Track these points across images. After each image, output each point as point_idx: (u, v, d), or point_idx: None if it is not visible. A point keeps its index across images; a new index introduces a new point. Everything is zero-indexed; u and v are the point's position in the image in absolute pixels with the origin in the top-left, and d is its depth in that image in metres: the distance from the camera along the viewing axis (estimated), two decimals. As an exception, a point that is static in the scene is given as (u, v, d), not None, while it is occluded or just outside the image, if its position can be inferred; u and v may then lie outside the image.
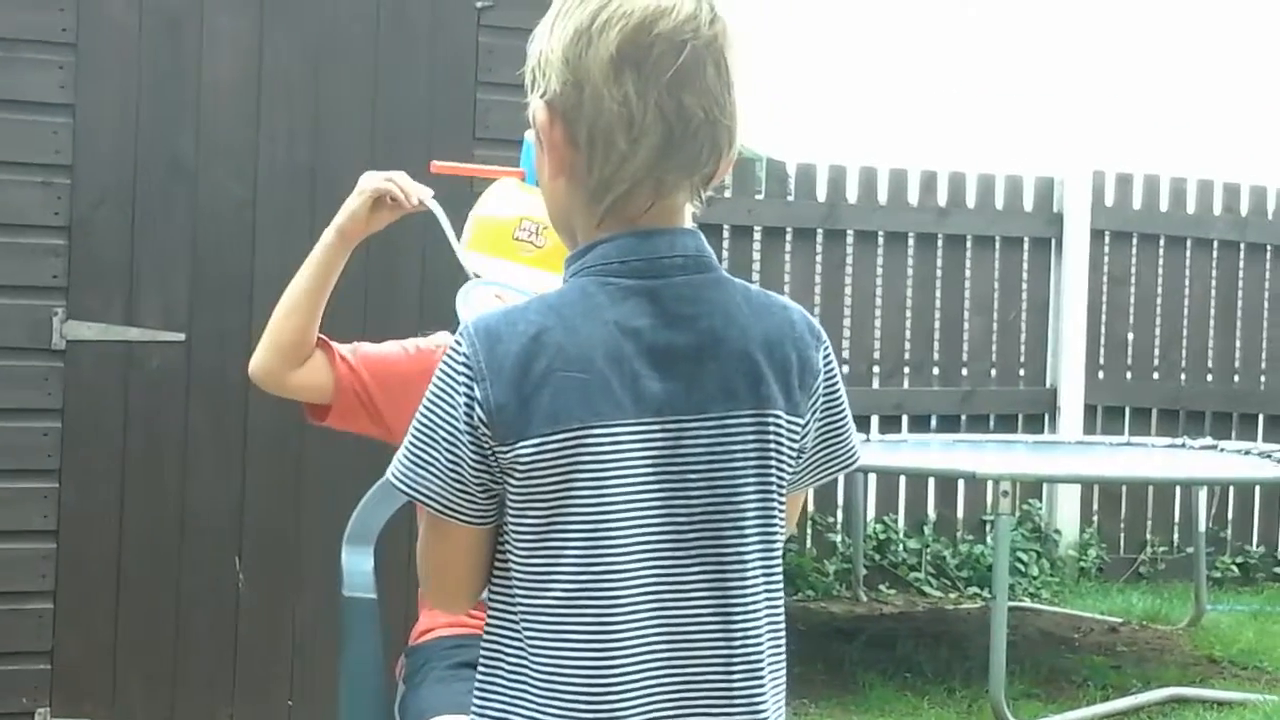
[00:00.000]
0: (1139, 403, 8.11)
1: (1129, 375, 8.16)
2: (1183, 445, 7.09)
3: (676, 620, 1.62)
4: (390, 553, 3.30)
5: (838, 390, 1.74)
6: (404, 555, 3.52)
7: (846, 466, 1.78)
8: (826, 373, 1.72)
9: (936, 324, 7.78)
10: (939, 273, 7.79)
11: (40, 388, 4.27)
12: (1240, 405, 8.29)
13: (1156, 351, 8.21)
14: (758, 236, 7.46)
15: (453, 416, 1.61)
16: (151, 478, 4.37)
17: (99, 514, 4.32)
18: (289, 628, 4.46)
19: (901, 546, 7.54)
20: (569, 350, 1.60)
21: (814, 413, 1.71)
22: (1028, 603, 7.27)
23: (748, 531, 1.64)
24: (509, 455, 1.60)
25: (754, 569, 1.65)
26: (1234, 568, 8.04)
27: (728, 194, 7.38)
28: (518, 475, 1.60)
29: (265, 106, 4.46)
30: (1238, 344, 8.35)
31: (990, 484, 6.46)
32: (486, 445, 1.61)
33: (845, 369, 7.60)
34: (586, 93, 1.61)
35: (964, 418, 7.72)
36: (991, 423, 7.77)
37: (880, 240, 7.72)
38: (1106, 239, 8.09)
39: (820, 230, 7.57)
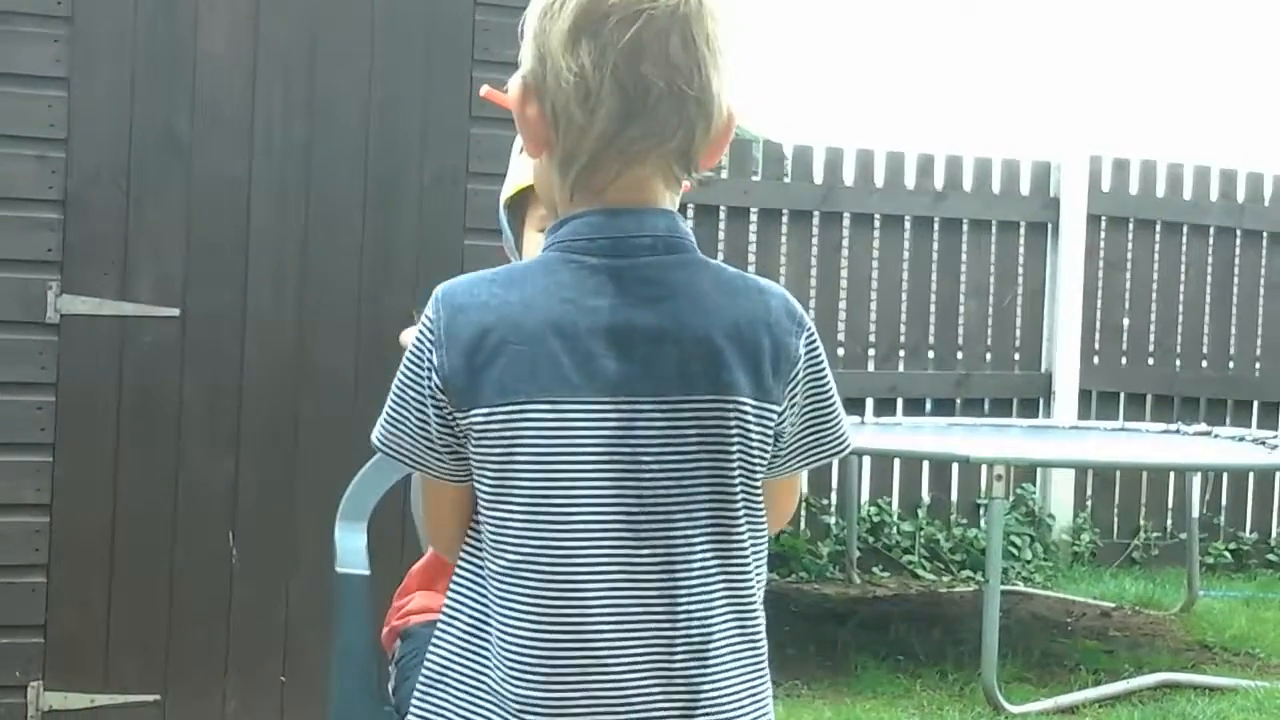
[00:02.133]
0: (1133, 388, 8.11)
1: (1124, 360, 8.16)
2: (1177, 431, 7.09)
3: (624, 599, 1.63)
4: (383, 529, 3.29)
5: (823, 376, 1.73)
6: (397, 532, 3.51)
7: (836, 452, 1.76)
8: (810, 358, 1.71)
9: (932, 307, 7.77)
10: (935, 256, 7.79)
11: (34, 361, 4.26)
12: (1235, 391, 8.30)
13: (1152, 337, 8.21)
14: (753, 218, 7.46)
15: (419, 380, 1.66)
16: (145, 452, 4.36)
17: (93, 488, 4.31)
18: (282, 603, 4.45)
19: (895, 529, 7.55)
20: (523, 325, 1.63)
21: (793, 400, 1.69)
22: (1021, 586, 7.28)
23: (698, 518, 1.65)
24: (464, 421, 1.64)
25: (704, 554, 1.65)
26: (1227, 554, 8.05)
27: (724, 175, 7.36)
28: (472, 441, 1.65)
29: (261, 81, 4.44)
30: (1233, 330, 8.35)
31: (984, 468, 6.43)
32: (445, 410, 1.65)
33: (840, 351, 7.60)
34: (548, 66, 1.64)
35: (959, 401, 7.72)
36: (986, 407, 7.78)
37: (876, 223, 7.71)
38: (1103, 224, 8.09)
39: (816, 213, 7.56)
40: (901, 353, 7.72)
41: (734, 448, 1.65)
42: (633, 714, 1.64)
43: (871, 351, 7.69)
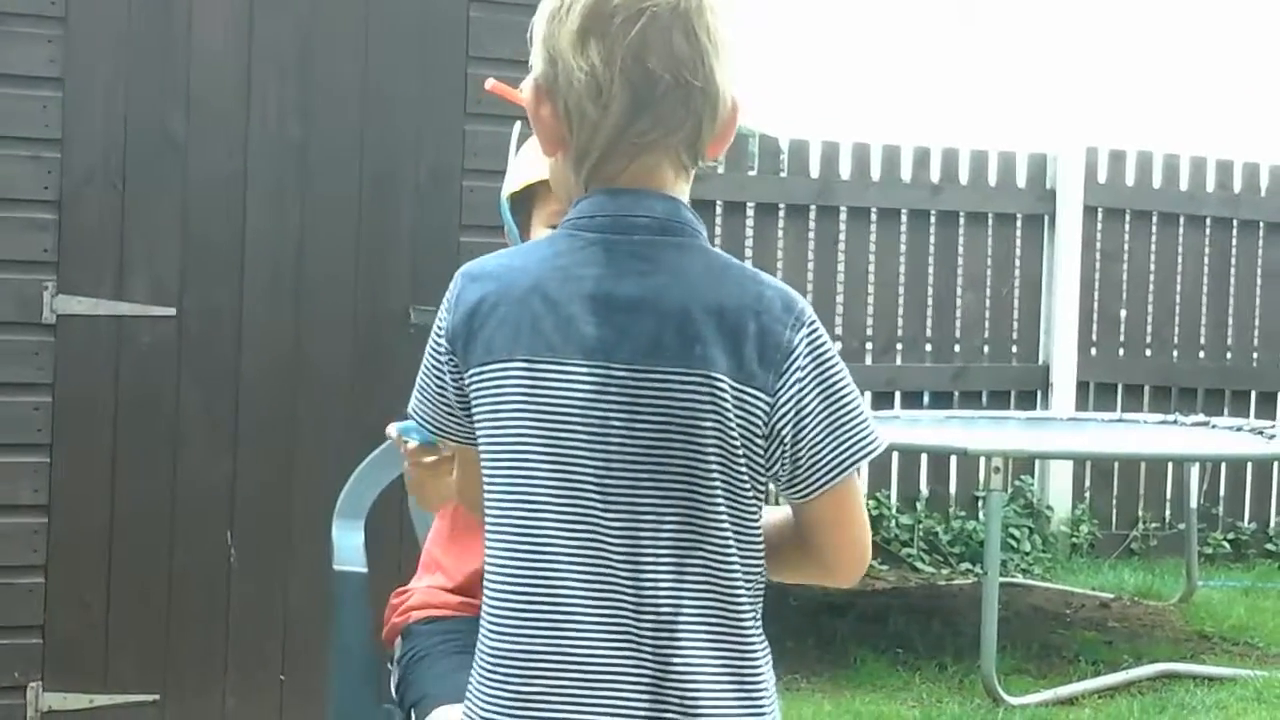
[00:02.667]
0: (1131, 379, 8.11)
1: (1121, 352, 8.16)
2: (1175, 422, 7.09)
3: (592, 562, 1.68)
4: (380, 527, 3.30)
5: (834, 376, 1.72)
6: (394, 530, 3.52)
7: (866, 452, 1.74)
8: (815, 356, 1.71)
9: (929, 300, 7.77)
10: (931, 249, 7.79)
11: (31, 362, 4.26)
12: (1232, 382, 8.30)
13: (1149, 328, 8.21)
14: (750, 213, 7.45)
15: (437, 347, 1.79)
16: (143, 453, 4.36)
17: (90, 488, 4.31)
18: (281, 602, 4.46)
19: (894, 522, 7.54)
20: (514, 290, 1.73)
21: (797, 398, 1.69)
22: (1019, 579, 7.28)
23: (669, 489, 1.68)
24: (465, 382, 1.76)
25: (674, 528, 1.68)
26: (1225, 544, 8.05)
27: (720, 170, 7.36)
28: (474, 400, 1.76)
29: (256, 80, 4.44)
30: (1230, 321, 8.35)
31: (982, 460, 6.45)
32: (455, 372, 1.77)
33: (838, 345, 7.56)
34: (560, 67, 1.71)
35: (956, 394, 7.72)
36: (984, 399, 7.78)
37: (873, 217, 7.71)
38: (1099, 216, 8.08)
39: (813, 207, 7.56)
40: (899, 346, 7.72)
41: (706, 424, 1.68)
42: (601, 676, 1.68)
43: (869, 345, 7.69)
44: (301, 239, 4.49)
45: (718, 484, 1.69)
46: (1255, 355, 8.38)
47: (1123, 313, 8.16)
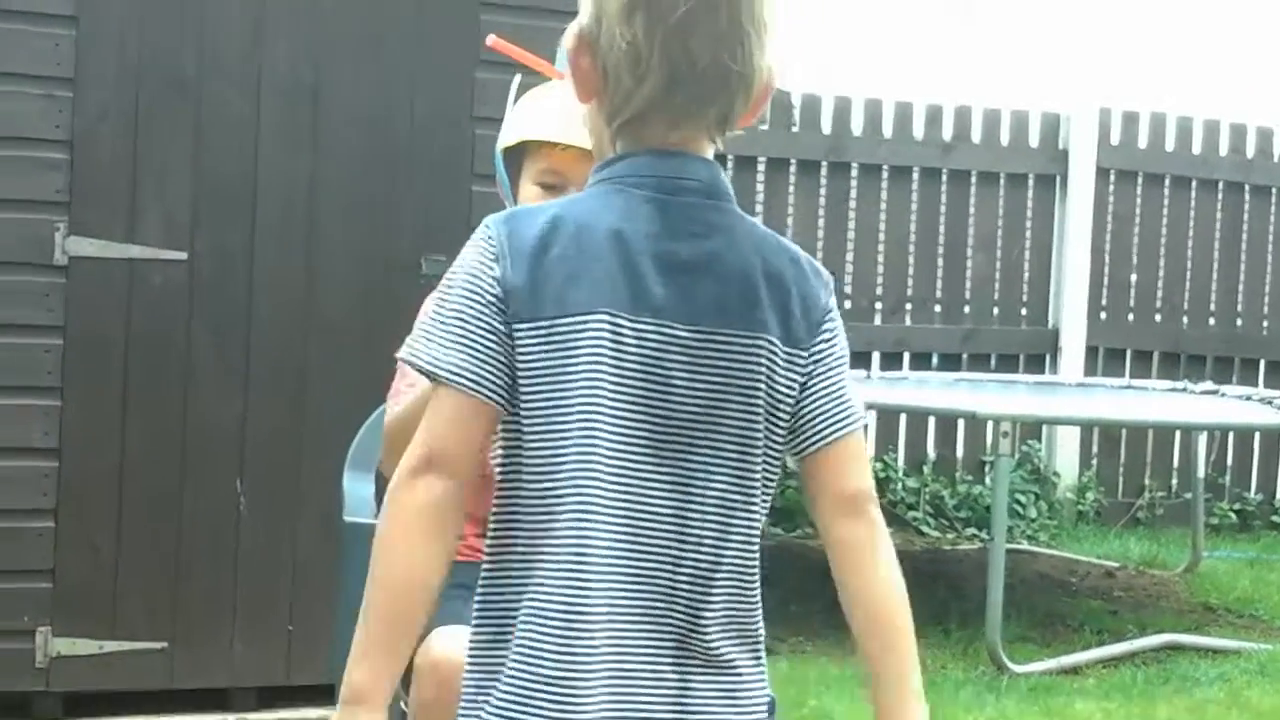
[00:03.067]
0: (1140, 345, 8.08)
1: (1131, 317, 8.12)
2: (1184, 389, 7.06)
3: (638, 514, 1.71)
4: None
5: (843, 339, 1.82)
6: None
7: (854, 423, 1.82)
8: (837, 320, 1.81)
9: (939, 260, 7.73)
10: (943, 208, 7.73)
11: (42, 304, 4.21)
12: (1242, 350, 8.26)
13: (1159, 294, 8.17)
14: (761, 168, 7.40)
15: (481, 296, 1.71)
16: (154, 397, 4.32)
17: (100, 432, 4.28)
18: (290, 551, 4.43)
19: (900, 485, 7.52)
20: (583, 242, 1.71)
21: (821, 356, 1.78)
22: (1025, 545, 7.27)
23: (722, 449, 1.73)
24: (522, 332, 1.70)
25: (721, 487, 1.73)
26: (1232, 514, 8.03)
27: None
28: (527, 354, 1.70)
29: (269, 22, 4.38)
30: (1241, 288, 8.31)
31: (990, 424, 6.43)
32: (507, 322, 1.70)
33: (847, 304, 7.56)
34: (604, 27, 1.74)
35: (965, 356, 7.68)
36: (993, 362, 7.74)
37: (885, 174, 7.65)
38: (1111, 178, 8.03)
39: (824, 163, 7.50)
40: (908, 306, 7.68)
41: (760, 386, 1.74)
42: (636, 622, 1.71)
43: (878, 304, 7.64)
44: (313, 184, 4.44)
45: (761, 444, 1.75)
46: (1265, 323, 8.35)
47: (1133, 277, 8.12)
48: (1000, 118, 7.81)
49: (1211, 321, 8.27)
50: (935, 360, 7.61)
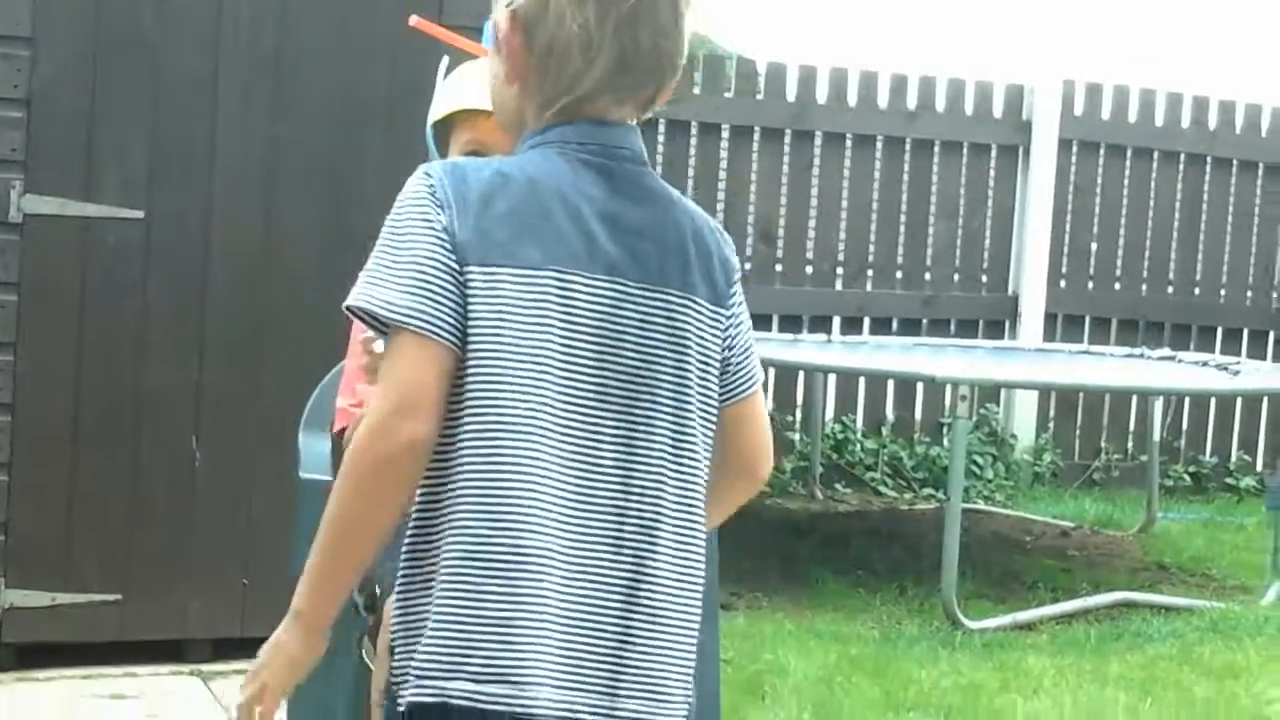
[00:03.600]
0: (1099, 312, 8.15)
1: (1090, 285, 8.19)
2: (1141, 355, 7.13)
3: (586, 463, 1.76)
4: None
5: (744, 304, 1.90)
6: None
7: (756, 383, 1.89)
8: (738, 283, 1.89)
9: (901, 228, 7.77)
10: (906, 176, 7.78)
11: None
12: (1199, 318, 8.34)
13: (1119, 262, 8.23)
14: (725, 135, 7.43)
15: (433, 238, 1.73)
16: (109, 354, 4.34)
17: (56, 388, 4.30)
18: (245, 506, 4.46)
19: (859, 446, 7.58)
20: (530, 197, 1.76)
21: (737, 311, 1.87)
22: (981, 505, 7.34)
23: (660, 402, 1.79)
24: (472, 277, 1.72)
25: (661, 439, 1.79)
26: (1186, 477, 8.12)
27: (696, 90, 7.32)
28: (474, 300, 1.72)
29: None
30: (1199, 257, 8.38)
31: (949, 388, 6.48)
32: (457, 267, 1.72)
33: (809, 270, 7.61)
34: (551, 9, 1.79)
35: (925, 322, 7.74)
36: (953, 327, 7.80)
37: (849, 142, 7.69)
38: (1074, 148, 8.08)
39: (788, 131, 7.54)
40: (870, 272, 7.73)
41: (691, 344, 1.81)
42: (583, 569, 1.74)
43: (840, 270, 7.69)
44: (273, 147, 4.46)
45: (694, 399, 1.81)
46: (1223, 291, 8.42)
47: (1093, 246, 8.18)
48: (965, 88, 7.86)
49: (1170, 290, 8.34)
50: (895, 325, 7.67)
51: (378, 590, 2.74)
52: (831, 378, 7.46)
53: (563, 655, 1.73)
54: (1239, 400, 8.15)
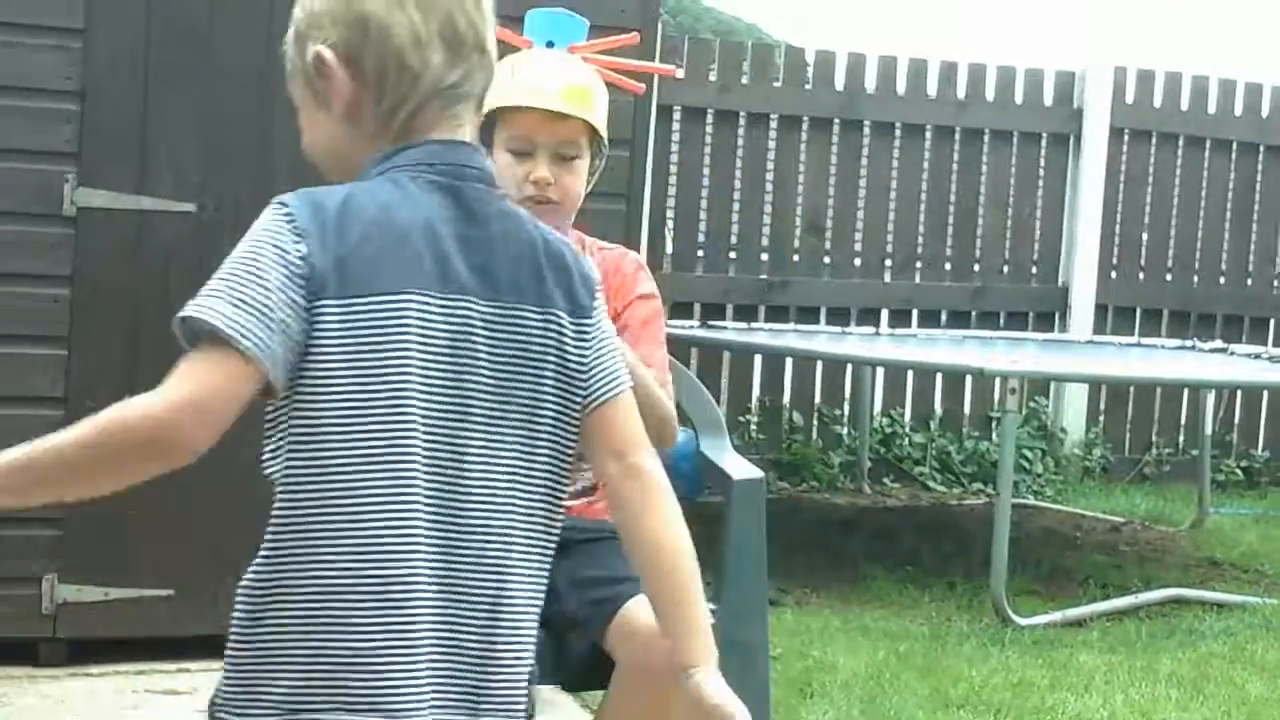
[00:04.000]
0: (1150, 304, 8.09)
1: (1141, 276, 8.13)
2: (1192, 347, 7.08)
3: (454, 485, 1.77)
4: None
5: (605, 311, 1.92)
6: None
7: (621, 385, 1.88)
8: (600, 292, 1.90)
9: (950, 218, 7.74)
10: (955, 166, 7.74)
11: (50, 255, 4.24)
12: (1252, 309, 8.27)
13: (1170, 253, 8.18)
14: (774, 125, 7.40)
15: (286, 268, 1.72)
16: (162, 348, 4.26)
17: (108, 382, 4.30)
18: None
19: (907, 441, 7.55)
20: (385, 224, 1.76)
21: (598, 323, 1.87)
22: (1031, 500, 7.30)
23: (511, 416, 1.81)
24: (327, 310, 1.72)
25: (511, 453, 1.80)
26: (1238, 471, 8.06)
27: (745, 81, 7.30)
28: (330, 333, 1.72)
29: (281, -24, 4.39)
30: (1252, 247, 8.32)
31: (998, 381, 6.45)
32: (309, 299, 1.71)
33: (857, 261, 7.58)
34: (372, 27, 1.80)
35: (974, 314, 7.71)
36: (1002, 320, 7.76)
37: (898, 131, 7.65)
38: (1125, 137, 8.02)
39: (837, 120, 7.50)
40: (918, 264, 7.69)
41: (550, 357, 1.83)
42: (452, 591, 1.76)
43: (888, 262, 7.66)
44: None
45: (548, 414, 1.83)
46: (1276, 282, 8.36)
47: (1144, 236, 8.12)
48: (1015, 76, 7.81)
49: (1222, 281, 8.27)
50: (944, 317, 7.63)
51: None
52: (880, 371, 7.44)
53: (434, 678, 1.74)
54: (1292, 393, 8.08)
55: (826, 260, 7.54)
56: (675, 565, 1.85)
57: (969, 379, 7.56)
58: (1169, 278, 8.17)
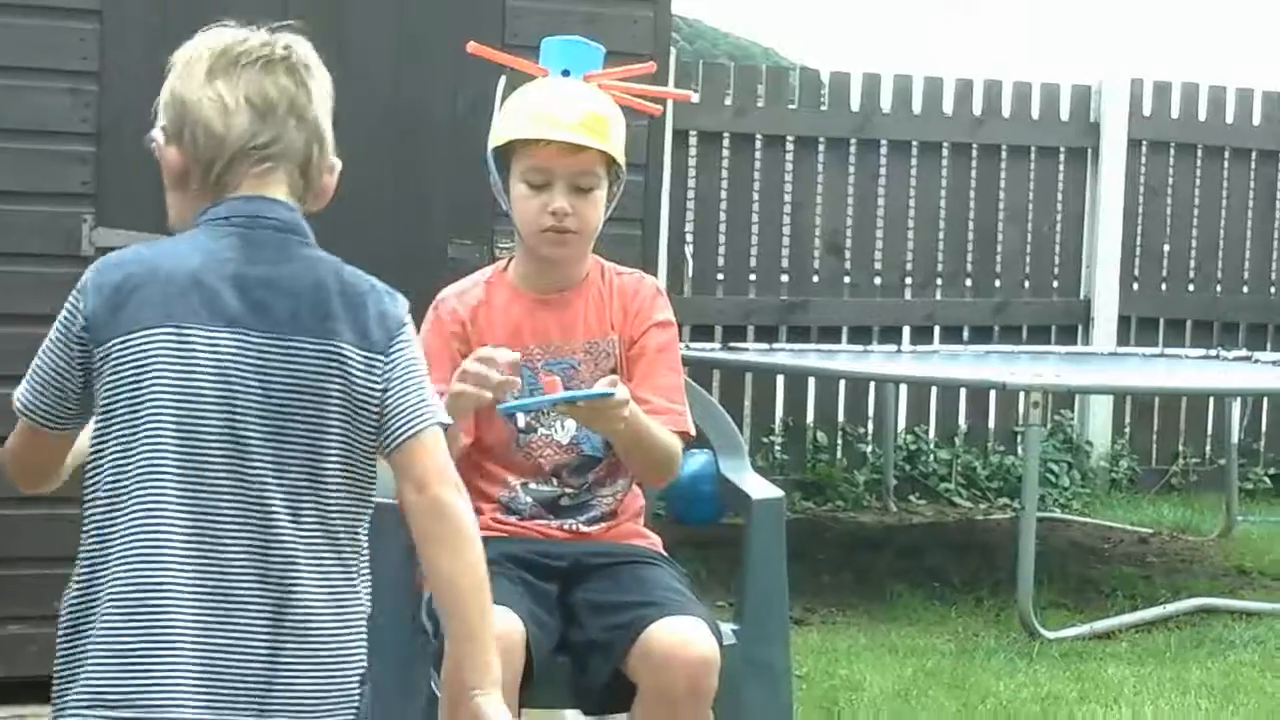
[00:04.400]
0: (1173, 314, 8.07)
1: (1164, 286, 8.11)
2: (1216, 356, 7.06)
3: (210, 505, 1.96)
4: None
5: (413, 350, 2.07)
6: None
7: (420, 424, 2.02)
8: (404, 331, 2.06)
9: (970, 235, 7.74)
10: (973, 183, 7.75)
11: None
12: (1275, 317, 8.24)
13: (1192, 263, 8.16)
14: (790, 147, 7.42)
15: (66, 337, 2.02)
16: (182, 384, 4.37)
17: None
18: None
19: (932, 457, 7.54)
20: (161, 270, 2.00)
21: (398, 359, 2.03)
22: (1058, 513, 7.28)
23: (294, 441, 1.99)
24: (100, 354, 1.98)
25: (295, 474, 1.98)
26: (1266, 479, 8.02)
27: (760, 104, 7.32)
28: (106, 371, 1.98)
29: (294, 11, 4.42)
30: (1274, 255, 8.30)
31: (1021, 395, 6.44)
32: (86, 353, 2.00)
33: (877, 280, 7.58)
34: (189, 102, 2.06)
35: (997, 329, 7.70)
36: (1024, 334, 7.75)
37: (914, 150, 7.66)
38: (1143, 149, 8.01)
39: (853, 140, 7.51)
40: (939, 280, 7.69)
41: (333, 385, 2.00)
42: (222, 599, 1.95)
43: (908, 280, 7.66)
44: (341, 174, 4.48)
45: (334, 439, 2.00)
46: (1299, 289, 8.32)
47: (1166, 247, 8.11)
48: (1031, 91, 7.81)
49: (1245, 289, 8.25)
50: (966, 333, 7.63)
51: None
52: (903, 388, 7.44)
53: (204, 680, 1.93)
54: (1319, 400, 8.04)
55: (846, 280, 7.55)
56: (464, 601, 2.02)
57: (993, 394, 7.55)
58: (1191, 288, 8.16)
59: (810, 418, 7.41)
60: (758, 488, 3.25)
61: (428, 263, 4.48)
